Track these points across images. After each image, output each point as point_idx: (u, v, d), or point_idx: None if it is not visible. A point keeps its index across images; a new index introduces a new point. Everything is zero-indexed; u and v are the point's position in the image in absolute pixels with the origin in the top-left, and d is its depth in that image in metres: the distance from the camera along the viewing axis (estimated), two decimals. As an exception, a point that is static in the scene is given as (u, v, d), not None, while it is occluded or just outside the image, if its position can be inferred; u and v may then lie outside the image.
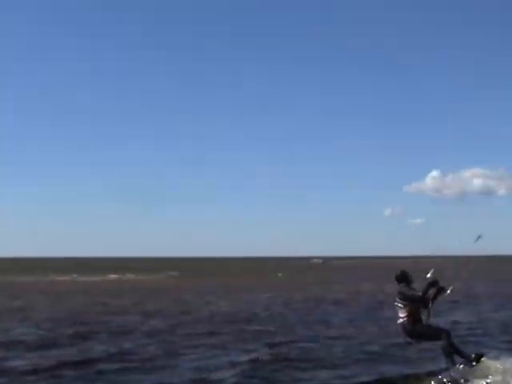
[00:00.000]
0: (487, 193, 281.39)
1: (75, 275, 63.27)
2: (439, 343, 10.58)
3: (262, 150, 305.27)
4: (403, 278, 10.86)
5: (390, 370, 11.68)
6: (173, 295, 32.71)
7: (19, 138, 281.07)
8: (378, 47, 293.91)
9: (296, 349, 14.21)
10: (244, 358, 13.01)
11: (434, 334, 10.63)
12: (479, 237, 11.21)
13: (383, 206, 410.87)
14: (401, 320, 10.68)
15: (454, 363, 10.40)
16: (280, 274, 65.41)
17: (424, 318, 10.62)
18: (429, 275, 10.72)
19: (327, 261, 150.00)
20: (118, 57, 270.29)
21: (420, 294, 10.44)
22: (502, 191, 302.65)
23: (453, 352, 10.48)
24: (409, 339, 11.02)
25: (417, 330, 10.61)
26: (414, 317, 10.57)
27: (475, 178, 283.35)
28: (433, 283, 10.49)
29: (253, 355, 13.20)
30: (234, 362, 12.59)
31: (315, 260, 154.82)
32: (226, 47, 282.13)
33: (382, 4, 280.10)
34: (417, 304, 10.60)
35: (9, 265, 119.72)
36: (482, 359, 10.52)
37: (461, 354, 10.60)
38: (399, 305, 10.71)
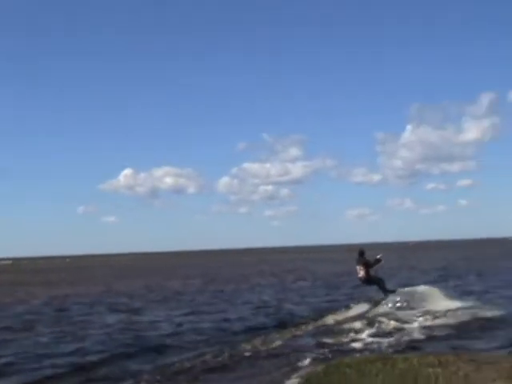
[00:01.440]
0: (178, 191, 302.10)
1: None
2: (376, 287, 19.80)
3: None
4: (362, 253, 19.64)
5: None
6: None
7: None
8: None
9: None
10: None
11: (377, 281, 19.74)
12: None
13: (76, 204, 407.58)
14: (360, 275, 19.51)
15: (386, 295, 19.41)
16: None
17: (372, 273, 19.52)
18: (379, 255, 19.76)
19: (17, 262, 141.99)
20: None
21: (372, 261, 19.54)
22: (191, 189, 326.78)
23: (385, 290, 19.66)
24: (365, 284, 20.07)
25: (369, 279, 19.58)
26: (367, 272, 19.42)
27: (167, 177, 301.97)
28: (379, 259, 19.62)
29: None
30: None
31: (2, 262, 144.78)
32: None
33: None
34: (369, 266, 19.41)
35: None
36: (396, 291, 19.81)
37: (387, 290, 19.69)
38: (361, 267, 19.43)
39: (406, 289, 20.58)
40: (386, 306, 18.94)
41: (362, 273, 19.47)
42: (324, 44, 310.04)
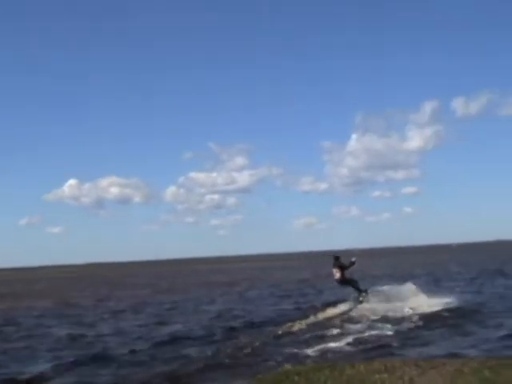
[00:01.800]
0: (124, 201, 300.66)
1: None
2: (351, 288, 21.78)
3: None
4: (337, 258, 21.42)
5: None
6: None
7: None
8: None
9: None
10: None
11: (352, 282, 21.70)
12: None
13: (19, 215, 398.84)
14: (336, 277, 21.36)
15: (360, 294, 21.38)
16: None
17: (347, 276, 21.48)
18: (353, 259, 21.46)
19: None
20: None
21: (347, 264, 21.32)
22: (137, 199, 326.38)
23: (359, 290, 21.57)
24: (341, 285, 21.90)
25: (344, 281, 21.48)
26: (343, 275, 21.26)
27: (112, 187, 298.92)
28: (353, 262, 21.33)
29: None
30: None
31: None
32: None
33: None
34: (344, 269, 21.20)
35: None
36: (368, 291, 21.72)
37: (360, 290, 21.58)
38: (337, 270, 21.21)
39: (379, 288, 22.88)
40: (354, 311, 20.01)
41: (338, 275, 21.41)
42: (268, 54, 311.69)
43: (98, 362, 13.93)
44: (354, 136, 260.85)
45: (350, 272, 21.92)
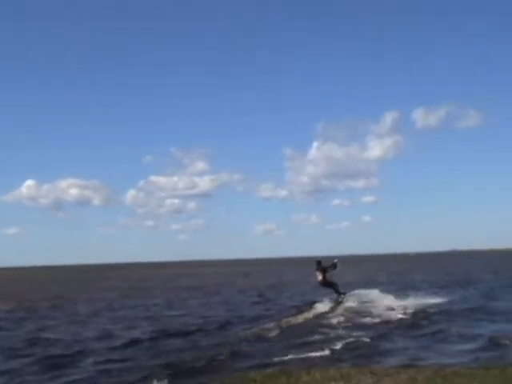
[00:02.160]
0: (83, 202, 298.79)
1: None
2: (331, 290, 24.41)
3: None
4: (319, 262, 23.75)
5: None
6: None
7: None
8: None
9: None
10: None
11: (333, 284, 24.01)
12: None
13: None
14: (319, 280, 23.64)
15: (339, 296, 23.79)
16: None
17: (329, 278, 23.75)
18: (335, 260, 23.80)
19: None
20: None
21: (329, 266, 23.55)
22: (96, 201, 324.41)
23: (339, 292, 24.04)
24: (323, 287, 24.32)
25: (326, 283, 23.87)
26: (324, 277, 23.57)
27: (71, 188, 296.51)
28: (335, 263, 23.58)
29: None
30: None
31: None
32: None
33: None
34: (325, 271, 23.45)
35: None
36: (346, 293, 24.44)
37: (340, 292, 24.07)
38: (319, 273, 23.55)
39: (356, 291, 25.69)
40: (328, 315, 20.77)
41: (320, 277, 23.67)
42: (232, 60, 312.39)
43: (60, 367, 13.71)
44: (315, 144, 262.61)
45: (331, 275, 23.99)
